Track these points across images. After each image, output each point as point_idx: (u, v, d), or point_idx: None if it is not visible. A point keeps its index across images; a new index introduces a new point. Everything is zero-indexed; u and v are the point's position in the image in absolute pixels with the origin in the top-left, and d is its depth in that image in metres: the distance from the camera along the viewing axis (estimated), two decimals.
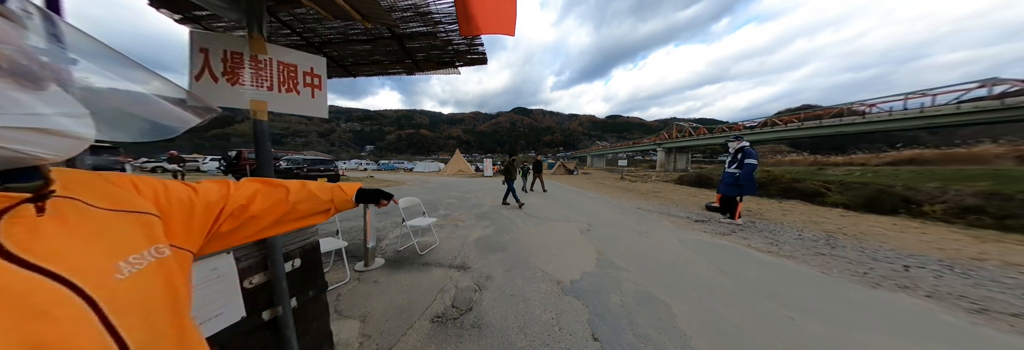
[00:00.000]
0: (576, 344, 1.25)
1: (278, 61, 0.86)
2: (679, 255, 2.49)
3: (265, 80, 0.85)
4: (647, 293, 1.75)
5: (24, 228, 0.24)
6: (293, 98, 0.89)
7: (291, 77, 0.89)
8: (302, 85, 0.91)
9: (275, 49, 0.86)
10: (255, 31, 0.83)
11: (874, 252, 2.67)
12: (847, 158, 18.23)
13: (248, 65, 0.81)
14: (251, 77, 0.82)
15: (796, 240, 3.05)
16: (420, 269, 2.12)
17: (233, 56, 0.80)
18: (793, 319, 1.48)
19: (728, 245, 2.82)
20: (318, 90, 0.95)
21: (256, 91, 0.83)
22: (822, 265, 2.32)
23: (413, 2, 1.39)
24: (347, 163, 32.47)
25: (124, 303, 0.26)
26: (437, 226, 3.45)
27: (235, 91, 0.80)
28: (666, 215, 4.44)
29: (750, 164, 3.66)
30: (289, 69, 0.88)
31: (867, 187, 6.24)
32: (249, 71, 0.81)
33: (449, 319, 1.45)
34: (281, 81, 0.87)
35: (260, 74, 0.84)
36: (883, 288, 1.90)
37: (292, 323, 0.90)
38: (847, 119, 17.81)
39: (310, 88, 0.93)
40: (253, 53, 0.82)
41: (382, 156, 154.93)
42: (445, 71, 2.35)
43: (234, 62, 0.80)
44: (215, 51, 0.76)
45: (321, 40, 1.86)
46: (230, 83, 0.79)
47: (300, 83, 0.91)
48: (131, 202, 0.32)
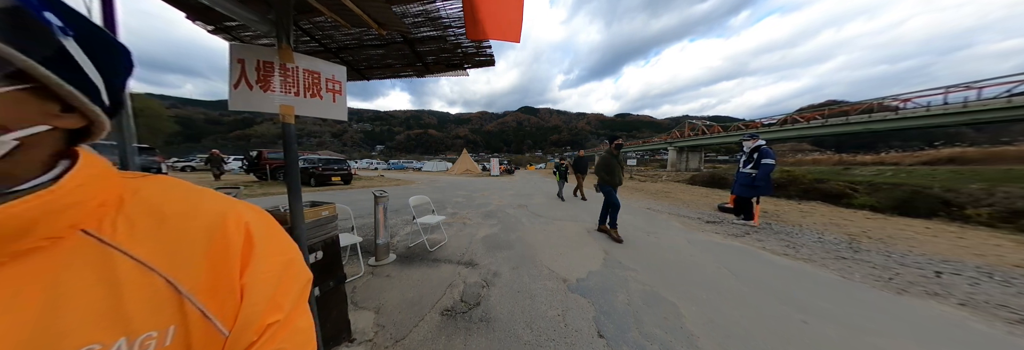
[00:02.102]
0: (582, 340, 1.28)
1: (304, 69, 0.94)
2: (688, 256, 2.45)
3: (292, 86, 0.92)
4: (654, 293, 1.75)
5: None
6: (317, 103, 0.97)
7: (315, 83, 0.96)
8: (325, 90, 0.98)
9: (301, 58, 0.93)
10: (284, 41, 0.90)
11: (902, 257, 2.52)
12: (877, 157, 17.08)
13: (278, 73, 0.89)
14: (280, 84, 0.89)
15: (815, 243, 2.93)
16: (430, 265, 2.20)
17: (265, 65, 0.88)
18: (806, 323, 1.45)
19: (740, 247, 2.75)
20: (339, 95, 1.03)
21: (284, 97, 0.90)
22: (842, 269, 2.23)
23: (424, 8, 1.44)
24: (359, 163, 33.40)
25: None
26: (445, 224, 3.53)
27: (267, 97, 0.88)
28: (676, 216, 4.35)
29: (768, 164, 3.50)
30: (313, 76, 0.96)
31: (899, 188, 5.86)
32: (278, 78, 0.89)
33: (458, 313, 1.50)
34: (306, 87, 0.94)
35: (288, 81, 0.91)
36: (909, 294, 1.81)
37: (315, 310, 0.98)
38: (878, 115, 16.57)
39: (332, 93, 1.00)
40: (282, 62, 0.89)
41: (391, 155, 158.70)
42: (454, 73, 2.41)
43: (266, 71, 0.88)
44: (250, 61, 0.84)
45: (338, 46, 1.96)
46: (263, 90, 0.87)
47: (323, 88, 0.98)
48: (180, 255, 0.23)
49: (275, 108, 0.90)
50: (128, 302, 0.21)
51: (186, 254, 0.24)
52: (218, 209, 0.26)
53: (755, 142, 3.67)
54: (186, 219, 0.25)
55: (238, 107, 0.85)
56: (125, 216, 0.24)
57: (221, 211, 0.26)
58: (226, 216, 0.26)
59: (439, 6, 1.42)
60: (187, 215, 0.25)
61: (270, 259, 0.27)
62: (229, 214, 0.26)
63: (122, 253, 0.22)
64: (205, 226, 0.25)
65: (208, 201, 0.27)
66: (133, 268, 0.22)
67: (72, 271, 0.21)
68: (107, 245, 0.22)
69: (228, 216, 0.26)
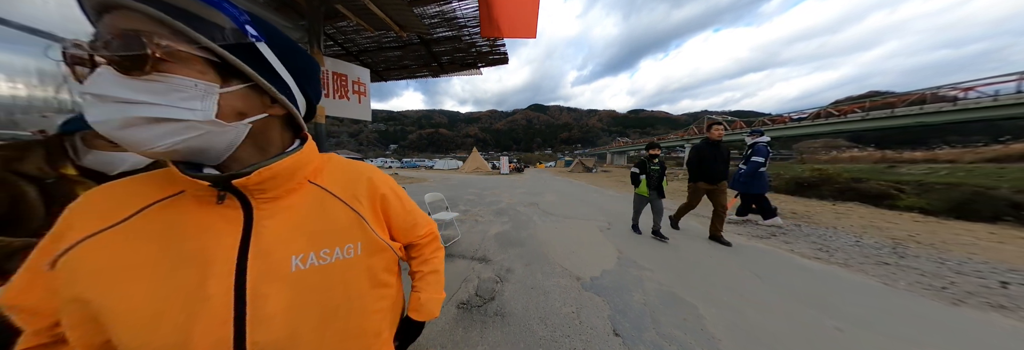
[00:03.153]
0: (597, 338, 1.28)
1: (333, 71, 1.00)
2: (708, 257, 2.35)
3: (323, 88, 0.98)
4: (672, 294, 1.70)
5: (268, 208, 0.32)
6: (344, 104, 1.03)
7: (343, 85, 1.02)
8: (351, 92, 1.04)
9: (330, 61, 0.99)
10: (315, 46, 0.96)
11: (958, 264, 2.28)
12: (930, 154, 15.27)
13: None
14: None
15: (852, 247, 2.70)
16: (445, 259, 2.28)
17: None
18: (842, 330, 1.35)
19: (766, 249, 2.60)
20: (363, 96, 1.08)
21: None
22: (885, 276, 2.05)
23: (441, 9, 1.47)
24: (374, 161, 34.79)
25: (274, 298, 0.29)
26: (458, 221, 3.61)
27: None
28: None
29: (753, 161, 3.39)
30: (341, 78, 1.01)
31: (957, 189, 5.22)
32: None
33: (474, 306, 1.55)
34: (335, 89, 1.00)
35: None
36: (968, 305, 1.63)
37: None
38: (931, 107, 14.76)
39: (358, 95, 1.06)
40: None
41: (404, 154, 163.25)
42: (468, 72, 2.44)
43: None
44: None
45: (358, 49, 2.05)
46: None
47: (350, 90, 1.04)
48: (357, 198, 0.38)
49: None
50: (337, 222, 0.36)
51: (360, 195, 0.39)
52: (368, 171, 0.43)
53: (754, 139, 3.50)
54: (356, 174, 0.41)
55: None
56: (329, 173, 0.39)
57: (369, 173, 0.43)
58: (372, 175, 0.43)
59: (455, 6, 1.45)
60: (357, 172, 0.41)
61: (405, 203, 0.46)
62: (374, 175, 0.43)
63: (330, 194, 0.37)
64: (365, 179, 0.41)
65: (363, 167, 0.44)
66: (337, 203, 0.37)
67: (310, 203, 0.35)
68: (323, 189, 0.37)
69: (374, 176, 0.43)
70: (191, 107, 0.26)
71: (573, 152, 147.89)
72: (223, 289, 0.28)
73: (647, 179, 2.81)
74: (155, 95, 0.25)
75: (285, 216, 0.33)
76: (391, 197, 0.43)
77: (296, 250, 0.32)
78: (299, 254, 0.32)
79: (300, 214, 0.34)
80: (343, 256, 0.34)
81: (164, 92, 0.25)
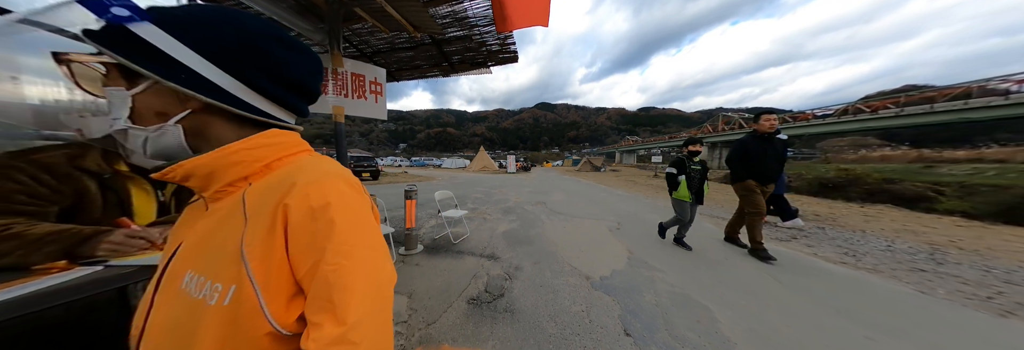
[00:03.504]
0: (607, 337, 1.27)
1: (351, 72, 1.03)
2: (723, 259, 2.27)
3: (342, 89, 1.02)
4: (684, 295, 1.66)
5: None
6: (362, 103, 1.06)
7: (360, 85, 1.05)
8: (368, 92, 1.08)
9: (349, 63, 1.02)
10: (335, 48, 1.00)
11: (1007, 273, 2.09)
12: (974, 153, 13.98)
13: (331, 77, 0.99)
14: (333, 87, 0.99)
15: (883, 252, 2.54)
16: (454, 256, 2.31)
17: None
18: (872, 340, 1.28)
19: (786, 252, 2.48)
20: (380, 96, 1.11)
21: (336, 98, 1.01)
22: (920, 283, 1.91)
23: (452, 9, 1.49)
24: (384, 160, 35.73)
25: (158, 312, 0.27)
26: (467, 218, 3.66)
27: (322, 100, 0.98)
28: (708, 216, 4.03)
29: None
30: (359, 78, 1.05)
31: (1007, 191, 4.76)
32: (332, 82, 0.99)
33: (483, 302, 1.57)
34: (354, 89, 1.04)
35: (339, 84, 1.01)
36: (1018, 317, 1.50)
37: None
38: (978, 101, 13.44)
39: (374, 94, 1.09)
40: (334, 67, 0.99)
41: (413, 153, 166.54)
42: (478, 71, 2.46)
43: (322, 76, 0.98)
44: None
45: (372, 50, 2.10)
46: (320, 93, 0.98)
47: (367, 90, 1.07)
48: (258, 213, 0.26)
49: (328, 109, 1.00)
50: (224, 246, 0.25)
51: (263, 208, 0.25)
52: (309, 174, 0.27)
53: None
54: (287, 177, 0.27)
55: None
56: (273, 175, 0.28)
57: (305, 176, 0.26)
58: (305, 179, 0.26)
59: (467, 5, 1.46)
60: (291, 175, 0.27)
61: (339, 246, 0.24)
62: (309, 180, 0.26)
63: (242, 203, 0.27)
64: (288, 185, 0.26)
65: (307, 173, 0.27)
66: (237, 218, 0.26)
67: (225, 211, 0.28)
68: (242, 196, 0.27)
69: (307, 180, 0.26)
70: (118, 116, 0.26)
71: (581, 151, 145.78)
72: (151, 288, 0.28)
73: (687, 181, 2.34)
74: (112, 109, 0.26)
75: (205, 222, 0.28)
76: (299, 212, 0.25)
77: (192, 265, 0.26)
78: (190, 271, 0.26)
79: (211, 223, 0.28)
80: (206, 297, 0.24)
81: (113, 106, 0.25)
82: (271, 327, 0.23)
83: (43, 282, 0.46)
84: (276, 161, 0.29)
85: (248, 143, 0.27)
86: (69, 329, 0.44)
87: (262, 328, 0.23)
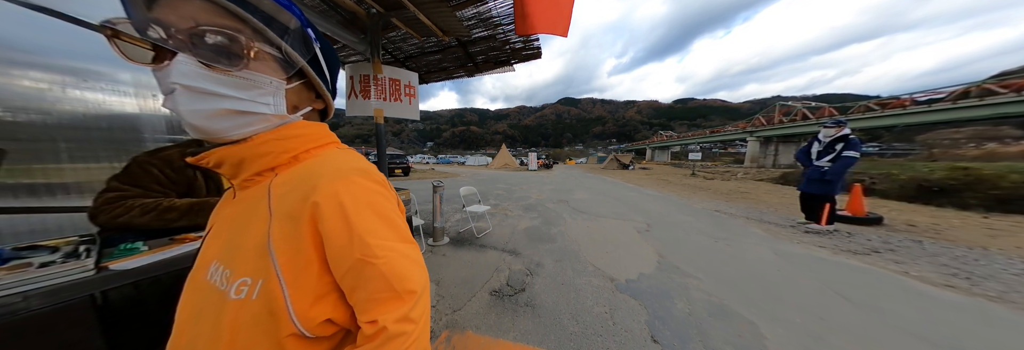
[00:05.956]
0: (633, 342, 1.23)
1: (388, 78, 1.13)
2: (774, 270, 2.01)
3: (381, 93, 1.13)
4: (723, 306, 1.52)
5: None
6: (398, 105, 1.17)
7: (396, 89, 1.16)
8: (403, 95, 1.17)
9: (387, 69, 1.13)
10: (375, 57, 1.11)
11: None
12: None
13: (372, 83, 1.10)
14: (374, 92, 1.11)
15: (1014, 276, 1.98)
16: (478, 250, 2.42)
17: (363, 78, 1.10)
18: None
19: (861, 267, 2.08)
20: (413, 98, 1.21)
21: (377, 102, 1.12)
22: None
23: (477, 10, 1.53)
24: (413, 158, 38.34)
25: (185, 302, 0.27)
26: (489, 214, 3.78)
27: (366, 103, 1.11)
28: (756, 221, 3.55)
29: (849, 157, 2.84)
30: (395, 83, 1.15)
31: None
32: (373, 87, 1.10)
33: (505, 295, 1.63)
34: (391, 93, 1.14)
35: (379, 89, 1.12)
36: None
37: None
38: None
39: (408, 97, 1.19)
40: (375, 74, 1.10)
41: (439, 151, 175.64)
42: (502, 70, 2.48)
43: (364, 82, 1.10)
44: (356, 76, 1.07)
45: (404, 56, 2.26)
46: (363, 98, 1.10)
47: (402, 93, 1.17)
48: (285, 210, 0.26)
49: (370, 112, 1.12)
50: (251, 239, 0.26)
51: (290, 204, 0.26)
52: (329, 176, 0.27)
53: (841, 130, 2.96)
54: (314, 172, 0.28)
55: (354, 113, 1.12)
56: (301, 166, 0.29)
57: (332, 171, 0.27)
58: (332, 172, 0.27)
59: (491, 5, 1.48)
60: (318, 169, 0.28)
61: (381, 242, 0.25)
62: (336, 174, 0.27)
63: (268, 195, 0.27)
64: (315, 179, 0.27)
65: (333, 169, 0.28)
66: (262, 210, 0.27)
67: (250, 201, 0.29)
68: (268, 186, 0.28)
69: (335, 174, 0.27)
70: (265, 102, 0.27)
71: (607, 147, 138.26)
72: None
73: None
74: (239, 90, 0.26)
75: (232, 210, 0.29)
76: (331, 210, 0.25)
77: (218, 255, 0.27)
78: (215, 262, 0.26)
79: (238, 212, 0.29)
80: (234, 293, 0.23)
81: (246, 87, 0.26)
82: (294, 328, 0.23)
83: (184, 247, 0.63)
84: (304, 153, 0.30)
85: (277, 133, 0.28)
86: None
87: (285, 329, 0.23)
